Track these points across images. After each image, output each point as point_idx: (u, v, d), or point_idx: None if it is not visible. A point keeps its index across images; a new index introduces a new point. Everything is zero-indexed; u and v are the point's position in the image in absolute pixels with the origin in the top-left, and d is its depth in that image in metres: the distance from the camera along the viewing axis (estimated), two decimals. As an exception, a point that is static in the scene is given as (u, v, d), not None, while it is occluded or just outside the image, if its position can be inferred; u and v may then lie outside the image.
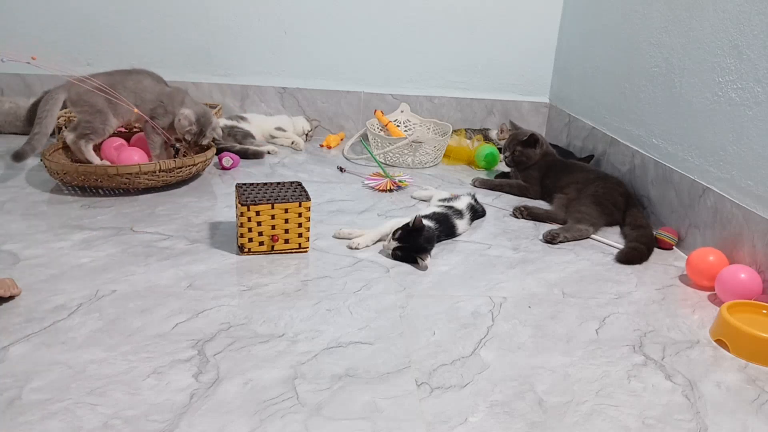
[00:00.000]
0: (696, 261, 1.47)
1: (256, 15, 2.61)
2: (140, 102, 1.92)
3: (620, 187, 1.89)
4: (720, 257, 1.46)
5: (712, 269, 1.43)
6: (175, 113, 1.95)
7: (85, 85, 1.84)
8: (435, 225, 1.59)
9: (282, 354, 1.09)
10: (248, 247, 1.47)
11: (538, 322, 1.26)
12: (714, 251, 1.47)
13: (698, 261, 1.46)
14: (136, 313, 1.19)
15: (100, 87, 1.83)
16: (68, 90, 1.88)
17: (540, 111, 2.82)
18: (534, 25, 2.71)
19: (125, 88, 1.90)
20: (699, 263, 1.46)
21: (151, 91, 1.94)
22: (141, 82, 1.94)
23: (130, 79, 1.93)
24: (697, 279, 1.47)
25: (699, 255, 1.47)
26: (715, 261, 1.45)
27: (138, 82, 1.93)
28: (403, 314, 1.25)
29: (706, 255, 1.46)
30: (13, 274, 1.30)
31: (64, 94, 1.88)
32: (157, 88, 1.96)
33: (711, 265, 1.44)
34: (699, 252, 1.48)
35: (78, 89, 1.87)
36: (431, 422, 0.94)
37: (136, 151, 1.94)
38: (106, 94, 1.84)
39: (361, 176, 2.16)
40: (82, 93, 1.87)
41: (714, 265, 1.44)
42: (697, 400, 1.04)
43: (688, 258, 1.50)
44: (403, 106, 2.62)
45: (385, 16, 2.65)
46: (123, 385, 0.97)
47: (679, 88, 1.77)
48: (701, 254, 1.47)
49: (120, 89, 1.88)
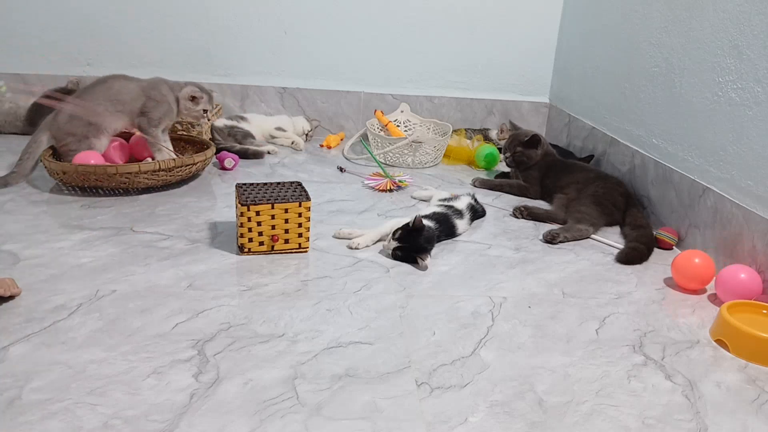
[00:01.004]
0: (681, 266, 1.44)
1: (256, 15, 2.61)
2: (121, 106, 1.88)
3: (620, 187, 1.89)
4: (705, 259, 1.43)
5: (697, 272, 1.42)
6: (167, 100, 1.92)
7: (65, 108, 1.82)
8: (435, 225, 1.59)
9: (282, 354, 1.09)
10: (248, 247, 1.47)
11: (538, 322, 1.26)
12: (697, 254, 1.45)
13: (683, 266, 1.44)
14: (136, 313, 1.19)
15: (79, 109, 1.82)
16: (50, 128, 1.86)
17: (540, 111, 2.82)
18: (534, 25, 2.71)
19: (99, 99, 1.86)
20: (684, 269, 1.44)
21: (127, 91, 1.90)
22: (111, 88, 1.89)
23: (98, 89, 1.88)
24: (684, 283, 1.45)
25: (683, 260, 1.44)
26: (701, 263, 1.42)
27: (108, 88, 1.88)
28: (403, 314, 1.25)
29: (691, 258, 1.44)
30: (13, 274, 1.29)
31: (46, 134, 1.86)
32: (131, 85, 1.92)
33: (696, 268, 1.42)
34: (683, 256, 1.45)
35: (58, 123, 1.85)
36: (431, 422, 0.94)
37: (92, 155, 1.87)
38: (89, 114, 1.82)
39: (361, 176, 2.16)
40: (62, 125, 1.84)
41: (700, 268, 1.42)
42: (697, 400, 1.04)
43: (672, 263, 1.47)
44: (403, 106, 2.62)
45: (385, 16, 2.65)
46: (123, 385, 0.97)
47: (679, 88, 1.77)
48: (685, 259, 1.44)
49: (95, 102, 1.85)
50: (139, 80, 1.95)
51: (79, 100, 1.85)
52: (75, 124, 1.85)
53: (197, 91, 1.98)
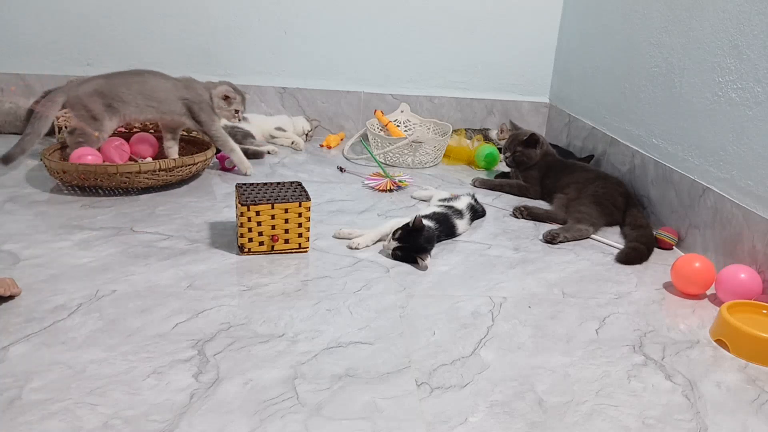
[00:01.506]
0: (681, 270, 1.42)
1: (256, 15, 2.61)
2: (155, 103, 1.91)
3: (620, 187, 1.89)
4: (705, 264, 1.41)
5: (697, 276, 1.40)
6: (204, 98, 1.97)
7: (84, 87, 1.84)
8: (435, 225, 1.59)
9: (282, 354, 1.09)
10: (248, 247, 1.47)
11: (538, 322, 1.26)
12: (697, 257, 1.43)
13: (683, 270, 1.42)
14: (136, 313, 1.19)
15: (102, 90, 1.84)
16: (67, 92, 1.86)
17: (540, 111, 2.82)
18: (534, 25, 2.71)
19: (133, 92, 1.88)
20: (684, 272, 1.42)
21: (162, 89, 1.92)
22: (147, 83, 1.91)
23: (133, 81, 1.90)
24: (683, 288, 1.43)
25: (683, 264, 1.43)
26: (701, 267, 1.40)
27: (143, 83, 1.91)
28: (403, 314, 1.25)
29: (690, 262, 1.42)
30: (13, 274, 1.29)
31: (63, 96, 1.86)
32: (167, 84, 1.94)
33: (696, 272, 1.40)
34: (682, 260, 1.44)
35: (78, 92, 1.85)
36: (431, 422, 0.94)
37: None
38: (107, 98, 1.84)
39: (361, 176, 2.16)
40: (81, 96, 1.85)
41: (700, 272, 1.40)
42: (697, 400, 1.04)
43: (672, 267, 1.45)
44: (403, 106, 2.62)
45: (385, 16, 2.65)
46: (123, 385, 0.97)
47: (679, 88, 1.77)
48: (685, 262, 1.43)
49: (124, 91, 1.87)
50: (174, 79, 1.98)
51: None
52: (95, 100, 1.84)
53: (231, 91, 2.01)
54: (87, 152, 1.83)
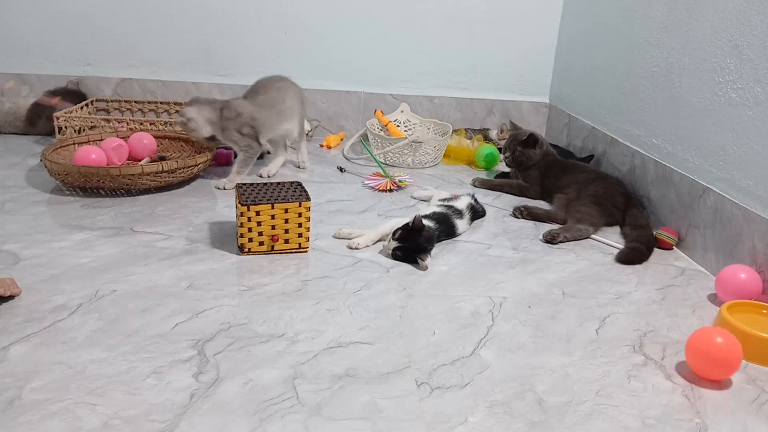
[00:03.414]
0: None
1: (256, 15, 2.61)
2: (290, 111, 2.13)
3: (620, 187, 1.89)
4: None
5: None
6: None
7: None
8: (435, 225, 1.59)
9: (282, 354, 1.09)
10: (248, 247, 1.47)
11: (538, 322, 1.26)
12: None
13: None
14: (136, 313, 1.19)
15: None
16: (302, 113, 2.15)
17: (540, 111, 2.82)
18: (534, 25, 2.70)
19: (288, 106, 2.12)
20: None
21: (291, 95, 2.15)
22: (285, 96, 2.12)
23: (275, 98, 2.08)
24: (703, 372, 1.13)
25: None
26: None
27: (281, 100, 2.10)
28: (403, 314, 1.25)
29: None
30: (13, 274, 1.30)
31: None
32: (296, 88, 2.17)
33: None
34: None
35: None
36: (431, 422, 0.94)
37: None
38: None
39: (361, 176, 2.16)
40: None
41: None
42: (697, 400, 1.04)
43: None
44: (403, 106, 2.62)
45: (385, 16, 2.65)
46: (123, 385, 0.97)
47: (679, 88, 1.77)
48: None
49: (277, 108, 2.08)
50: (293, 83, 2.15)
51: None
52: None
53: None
54: (90, 152, 1.84)
